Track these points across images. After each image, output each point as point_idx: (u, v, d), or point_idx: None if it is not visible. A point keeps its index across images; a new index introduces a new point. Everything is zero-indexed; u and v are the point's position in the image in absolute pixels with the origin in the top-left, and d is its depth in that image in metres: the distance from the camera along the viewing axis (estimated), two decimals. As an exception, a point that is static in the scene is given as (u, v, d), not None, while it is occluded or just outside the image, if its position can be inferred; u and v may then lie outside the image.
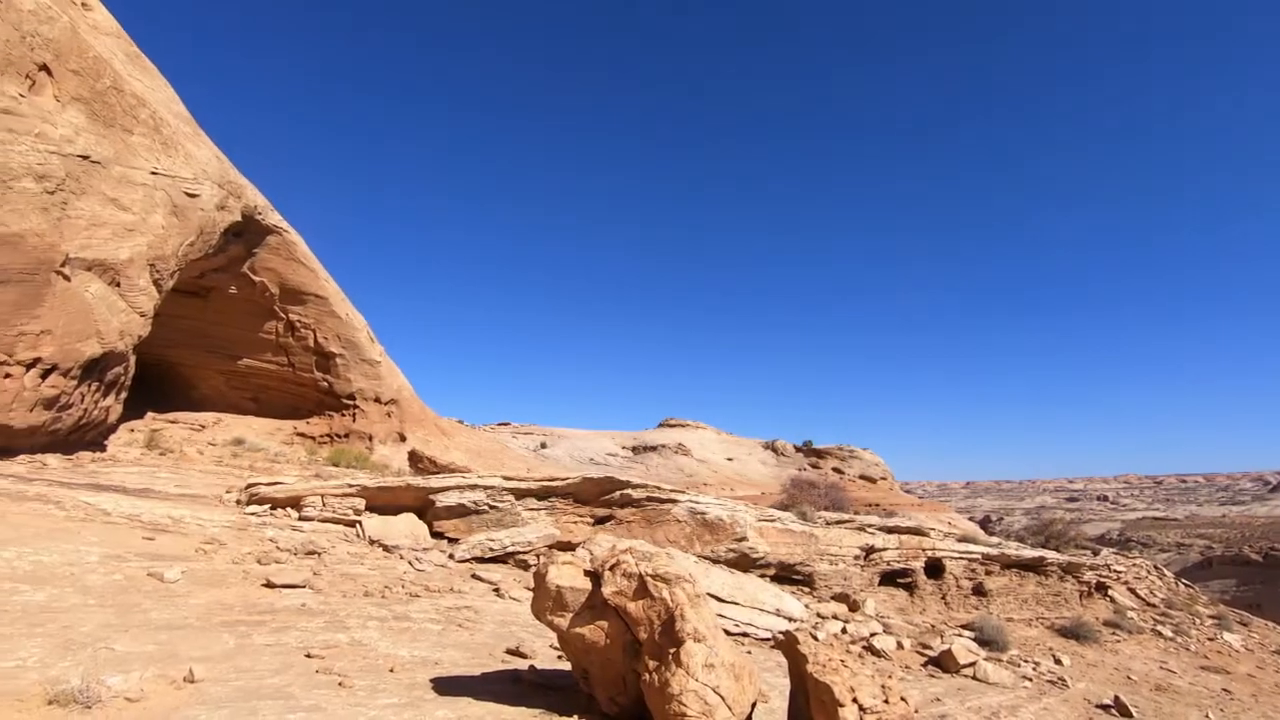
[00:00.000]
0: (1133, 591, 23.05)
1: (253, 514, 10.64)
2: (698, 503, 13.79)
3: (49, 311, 11.52)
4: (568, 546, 12.47)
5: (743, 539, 13.68)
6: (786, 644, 5.74)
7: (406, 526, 10.98)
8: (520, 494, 12.06)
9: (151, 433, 18.27)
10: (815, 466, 64.56)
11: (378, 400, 26.50)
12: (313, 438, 25.35)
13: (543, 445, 66.62)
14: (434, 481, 11.64)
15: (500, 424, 73.60)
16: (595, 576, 5.02)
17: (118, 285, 13.79)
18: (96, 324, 12.85)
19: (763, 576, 13.62)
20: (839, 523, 17.51)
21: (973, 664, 11.04)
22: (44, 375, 11.65)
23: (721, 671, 4.68)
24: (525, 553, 11.05)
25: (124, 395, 15.13)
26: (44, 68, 12.72)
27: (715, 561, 13.07)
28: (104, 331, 13.06)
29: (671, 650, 4.76)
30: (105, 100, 14.14)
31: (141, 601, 6.86)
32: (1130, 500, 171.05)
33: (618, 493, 13.01)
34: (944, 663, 11.12)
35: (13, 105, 11.13)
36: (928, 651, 11.78)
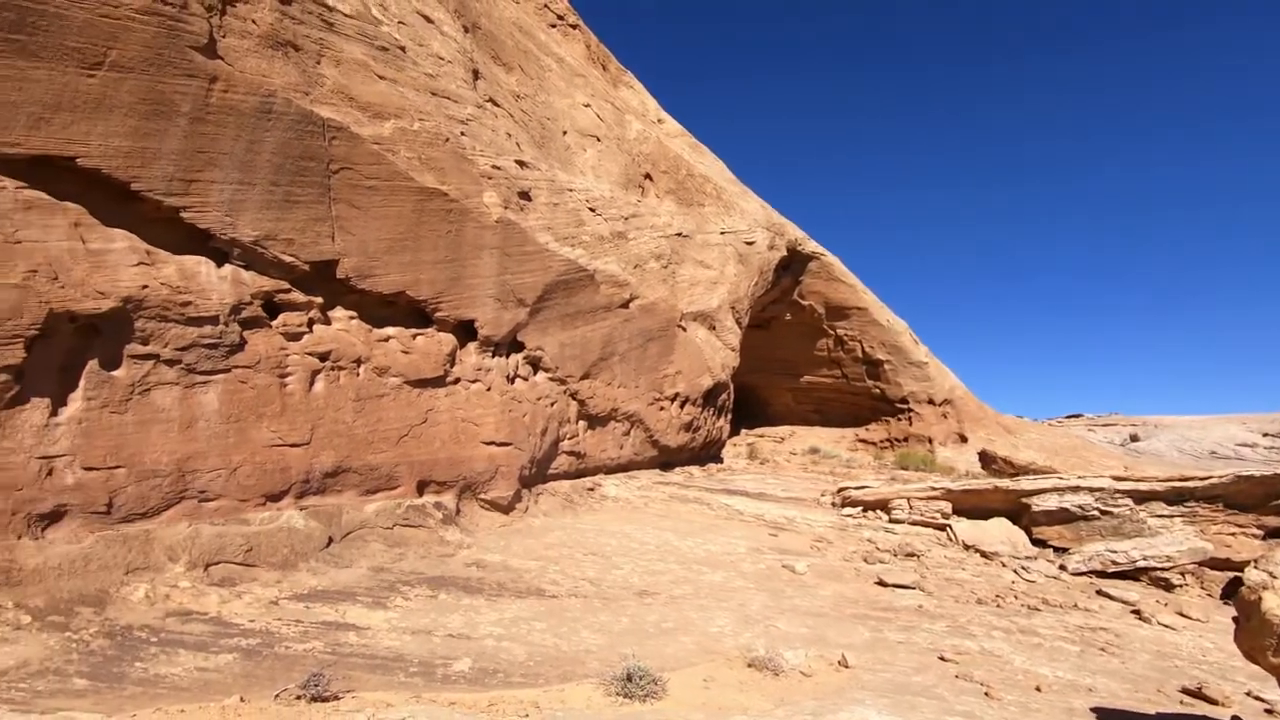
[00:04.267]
0: None
1: (848, 515, 11.56)
2: None
3: (678, 356, 15.07)
4: (1225, 565, 9.71)
5: None
6: None
7: (1001, 532, 10.27)
8: (1141, 497, 9.98)
9: (749, 446, 21.93)
10: None
11: (930, 402, 26.09)
12: (873, 443, 26.49)
13: (1133, 438, 54.69)
14: (1025, 483, 10.62)
15: (1069, 416, 63.73)
16: (1349, 613, 3.64)
17: (713, 328, 17.14)
18: (706, 361, 16.19)
19: None
20: None
21: None
22: (681, 405, 15.23)
23: None
24: (1164, 569, 9.03)
25: (729, 416, 18.59)
26: (647, 175, 16.96)
27: None
28: (711, 366, 16.36)
29: None
30: (684, 187, 17.99)
31: (784, 589, 8.08)
32: None
33: (1299, 495, 9.55)
34: None
35: (636, 209, 15.14)
36: None
